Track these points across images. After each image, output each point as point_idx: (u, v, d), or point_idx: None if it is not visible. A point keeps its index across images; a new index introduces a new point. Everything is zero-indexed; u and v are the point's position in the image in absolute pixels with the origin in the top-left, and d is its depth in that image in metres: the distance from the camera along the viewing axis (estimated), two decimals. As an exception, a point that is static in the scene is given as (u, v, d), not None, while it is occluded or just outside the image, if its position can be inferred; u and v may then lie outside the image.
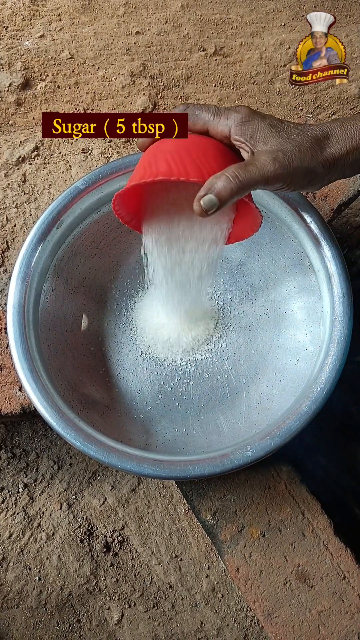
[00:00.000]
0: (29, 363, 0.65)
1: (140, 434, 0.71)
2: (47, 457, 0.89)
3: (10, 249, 0.82)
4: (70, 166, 0.88)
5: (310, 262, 0.73)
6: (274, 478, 0.75)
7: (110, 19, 0.94)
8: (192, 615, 0.84)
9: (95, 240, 0.76)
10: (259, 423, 0.71)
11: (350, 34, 0.95)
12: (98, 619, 0.84)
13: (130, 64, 0.94)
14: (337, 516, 0.75)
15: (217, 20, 0.95)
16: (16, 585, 0.85)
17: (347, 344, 0.65)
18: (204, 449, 0.70)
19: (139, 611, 0.84)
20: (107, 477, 0.89)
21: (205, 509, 0.75)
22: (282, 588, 0.72)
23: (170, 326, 0.75)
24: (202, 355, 0.75)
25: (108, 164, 0.71)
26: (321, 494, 0.75)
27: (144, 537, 0.86)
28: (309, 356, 0.71)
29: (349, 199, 0.81)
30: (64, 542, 0.86)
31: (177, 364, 0.75)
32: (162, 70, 0.94)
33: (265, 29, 0.95)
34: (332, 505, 0.75)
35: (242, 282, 0.78)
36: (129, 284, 0.78)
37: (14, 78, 0.92)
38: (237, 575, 0.73)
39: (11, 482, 0.88)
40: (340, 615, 0.71)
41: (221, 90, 0.95)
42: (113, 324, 0.77)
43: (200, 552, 0.85)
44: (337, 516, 0.75)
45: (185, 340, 0.75)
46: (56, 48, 0.94)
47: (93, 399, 0.73)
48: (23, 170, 0.87)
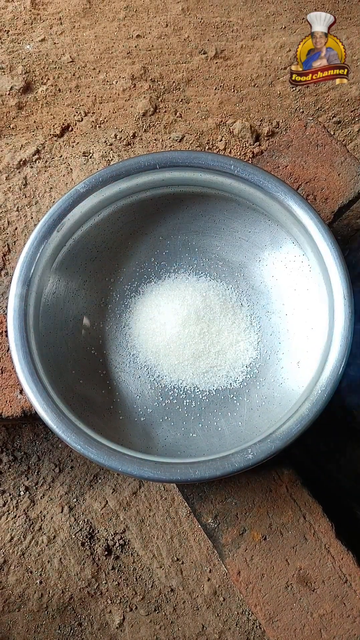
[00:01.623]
0: (30, 366, 0.65)
1: (141, 437, 0.71)
2: (49, 460, 0.89)
3: (12, 252, 0.82)
4: (71, 169, 0.88)
5: (311, 265, 0.72)
6: (275, 481, 0.75)
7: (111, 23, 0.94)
8: (194, 619, 0.84)
9: (96, 244, 0.76)
10: (260, 426, 0.71)
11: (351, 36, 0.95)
12: (99, 622, 0.84)
13: (131, 67, 0.94)
14: (339, 519, 0.75)
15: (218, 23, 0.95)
16: (17, 588, 0.85)
17: (347, 347, 0.65)
18: (204, 452, 0.70)
19: (141, 615, 0.84)
20: (109, 480, 0.89)
21: (207, 512, 0.74)
22: (284, 592, 0.72)
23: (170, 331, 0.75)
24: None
25: (109, 167, 0.71)
26: (323, 497, 0.75)
27: (145, 540, 0.86)
28: (309, 359, 0.71)
29: (349, 201, 0.81)
30: (65, 545, 0.86)
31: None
32: (163, 73, 0.94)
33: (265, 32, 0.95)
34: (333, 508, 0.75)
35: (244, 284, 0.78)
36: (130, 287, 0.78)
37: (15, 82, 0.92)
38: (239, 578, 0.73)
39: (12, 485, 0.88)
40: (342, 619, 0.71)
41: (222, 93, 0.95)
42: (114, 326, 0.77)
43: (202, 556, 0.85)
44: (338, 519, 0.74)
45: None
46: (57, 52, 0.94)
47: (94, 401, 0.73)
48: (24, 173, 0.88)
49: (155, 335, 0.74)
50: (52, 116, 0.95)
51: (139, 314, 0.77)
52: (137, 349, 0.76)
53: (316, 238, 0.68)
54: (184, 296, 0.75)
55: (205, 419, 0.73)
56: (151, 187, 0.74)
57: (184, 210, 0.77)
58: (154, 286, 0.78)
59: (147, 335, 0.75)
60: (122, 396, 0.74)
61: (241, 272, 0.78)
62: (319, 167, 0.81)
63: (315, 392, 0.63)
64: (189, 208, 0.77)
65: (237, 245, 0.78)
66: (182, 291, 0.76)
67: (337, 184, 0.81)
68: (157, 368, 0.75)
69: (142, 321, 0.76)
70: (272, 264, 0.77)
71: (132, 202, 0.75)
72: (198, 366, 0.74)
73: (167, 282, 0.78)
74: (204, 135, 0.96)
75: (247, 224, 0.76)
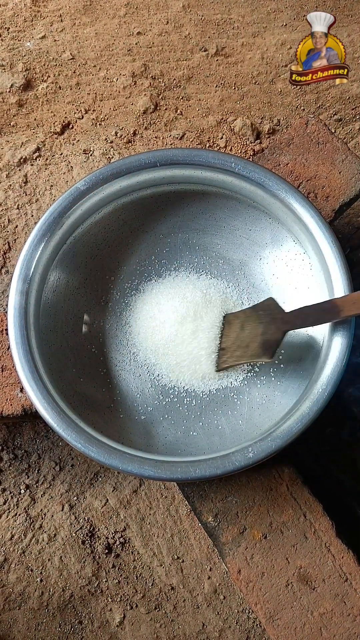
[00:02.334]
0: (30, 364, 0.65)
1: (142, 436, 0.71)
2: (49, 458, 0.89)
3: (12, 250, 0.82)
4: (71, 167, 0.88)
5: (312, 263, 0.72)
6: (276, 480, 0.75)
7: (111, 20, 0.94)
8: (194, 617, 0.84)
9: (97, 242, 0.76)
10: (261, 424, 0.71)
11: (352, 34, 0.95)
12: (100, 620, 0.84)
13: (132, 65, 0.94)
14: (339, 518, 0.74)
15: (219, 21, 0.95)
16: (18, 586, 0.85)
17: (348, 345, 0.64)
18: (205, 451, 0.70)
19: (141, 613, 0.84)
20: (109, 478, 0.89)
21: (207, 510, 0.74)
22: (284, 590, 0.72)
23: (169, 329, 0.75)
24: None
25: (109, 165, 0.71)
26: (323, 496, 0.75)
27: (146, 538, 0.86)
28: (310, 357, 0.71)
29: (350, 199, 0.81)
30: (66, 543, 0.86)
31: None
32: (164, 70, 0.94)
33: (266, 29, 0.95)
34: (334, 507, 0.75)
35: (244, 282, 0.78)
36: (130, 285, 0.78)
37: (16, 79, 0.92)
38: (239, 577, 0.72)
39: (13, 483, 0.88)
40: (342, 618, 0.71)
41: (222, 90, 0.95)
42: (114, 325, 0.77)
43: (202, 554, 0.85)
44: (339, 518, 0.74)
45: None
46: (57, 49, 0.94)
47: (94, 400, 0.72)
48: (25, 171, 0.87)
49: (155, 334, 0.74)
50: (53, 114, 0.94)
51: (139, 312, 0.76)
52: (137, 347, 0.76)
53: (317, 236, 0.68)
54: (184, 294, 0.75)
55: (205, 418, 0.73)
56: (152, 185, 0.74)
57: (184, 208, 0.77)
58: (155, 284, 0.78)
59: (147, 334, 0.75)
60: (122, 394, 0.74)
61: (242, 270, 0.78)
62: (320, 165, 0.81)
63: (315, 391, 0.63)
64: (190, 206, 0.77)
65: (238, 243, 0.78)
66: (183, 289, 0.76)
67: (338, 181, 0.80)
68: (157, 367, 0.75)
69: (143, 319, 0.76)
70: (272, 262, 0.76)
71: (132, 200, 0.75)
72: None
73: (168, 280, 0.78)
74: (204, 133, 0.95)
75: (247, 222, 0.76)
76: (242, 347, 0.69)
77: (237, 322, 0.72)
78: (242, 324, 0.71)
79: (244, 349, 0.69)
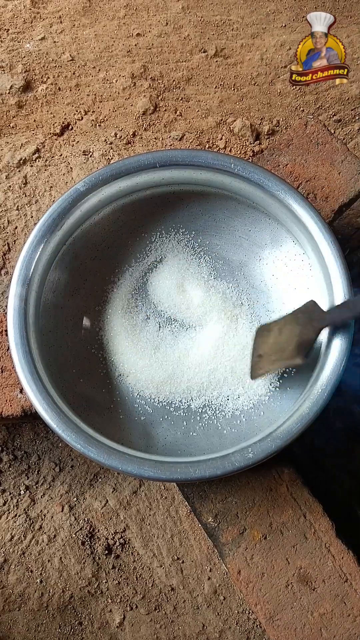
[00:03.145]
0: (30, 365, 0.65)
1: (141, 436, 0.71)
2: (49, 459, 0.89)
3: (12, 251, 0.82)
4: (71, 168, 0.88)
5: (311, 264, 0.72)
6: (276, 480, 0.75)
7: (110, 21, 0.94)
8: (194, 618, 0.84)
9: (96, 242, 0.76)
10: (260, 425, 0.71)
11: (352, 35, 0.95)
12: (100, 621, 0.84)
13: (131, 66, 0.94)
14: (339, 518, 0.74)
15: (218, 22, 0.95)
16: (18, 587, 0.85)
17: (348, 346, 0.64)
18: (205, 451, 0.70)
19: (141, 614, 0.84)
20: (109, 479, 0.89)
21: (207, 511, 0.74)
22: (284, 591, 0.72)
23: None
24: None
25: (109, 166, 0.71)
26: (323, 496, 0.75)
27: (146, 539, 0.86)
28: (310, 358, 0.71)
29: (350, 200, 0.81)
30: (66, 544, 0.86)
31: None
32: (163, 72, 0.94)
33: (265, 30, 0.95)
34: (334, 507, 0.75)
35: (244, 283, 0.78)
36: (129, 285, 0.78)
37: (15, 80, 0.92)
38: (239, 577, 0.72)
39: (12, 484, 0.88)
40: (342, 618, 0.71)
41: (222, 91, 0.95)
42: (113, 325, 0.77)
43: (202, 555, 0.85)
44: (339, 518, 0.74)
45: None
46: (57, 50, 0.94)
47: (94, 400, 0.72)
48: (24, 172, 0.88)
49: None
50: (52, 115, 0.94)
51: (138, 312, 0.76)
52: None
53: (316, 237, 0.68)
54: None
55: (205, 418, 0.73)
56: (151, 186, 0.74)
57: (184, 209, 0.77)
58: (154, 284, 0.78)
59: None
60: (122, 395, 0.74)
61: (241, 271, 0.78)
62: (319, 166, 0.81)
63: (315, 392, 0.63)
64: (189, 207, 0.77)
65: (237, 244, 0.78)
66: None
67: (338, 182, 0.80)
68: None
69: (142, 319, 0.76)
70: (272, 262, 0.76)
71: (132, 201, 0.75)
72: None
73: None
74: (204, 134, 0.95)
75: (247, 222, 0.76)
76: (279, 352, 0.68)
77: (275, 328, 0.70)
78: (281, 328, 0.69)
79: (279, 353, 0.67)
